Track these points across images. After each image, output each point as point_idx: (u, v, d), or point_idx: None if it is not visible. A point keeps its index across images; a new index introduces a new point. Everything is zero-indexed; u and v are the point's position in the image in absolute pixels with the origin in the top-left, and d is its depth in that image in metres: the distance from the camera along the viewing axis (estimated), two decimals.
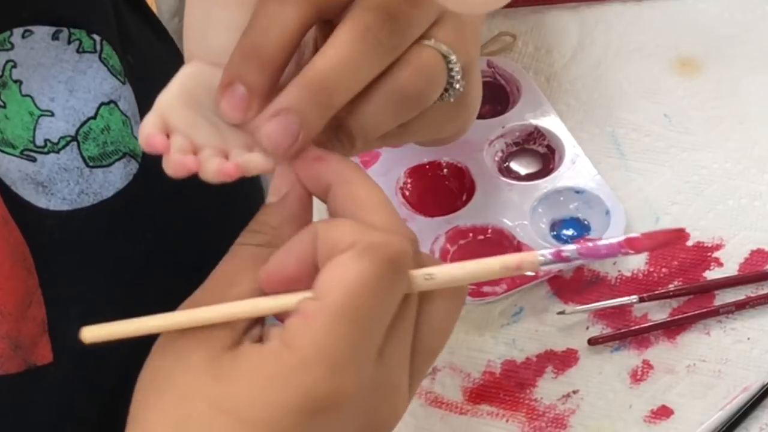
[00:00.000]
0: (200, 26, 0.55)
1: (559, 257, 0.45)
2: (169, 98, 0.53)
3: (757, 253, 0.74)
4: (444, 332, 0.50)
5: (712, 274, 0.73)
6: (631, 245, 0.44)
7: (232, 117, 0.51)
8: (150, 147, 0.51)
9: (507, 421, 0.68)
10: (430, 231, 0.73)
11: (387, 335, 0.47)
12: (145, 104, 0.70)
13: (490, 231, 0.73)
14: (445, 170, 0.76)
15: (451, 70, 0.54)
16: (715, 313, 0.71)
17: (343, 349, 0.45)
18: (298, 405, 0.45)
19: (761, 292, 0.72)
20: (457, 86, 0.55)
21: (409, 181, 0.75)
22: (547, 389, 0.69)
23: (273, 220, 0.50)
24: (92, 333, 0.47)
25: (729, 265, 0.73)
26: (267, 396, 0.45)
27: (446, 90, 0.55)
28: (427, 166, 0.76)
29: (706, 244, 0.74)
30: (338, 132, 0.52)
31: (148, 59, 0.75)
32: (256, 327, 0.48)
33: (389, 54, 0.52)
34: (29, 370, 0.65)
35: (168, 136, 0.51)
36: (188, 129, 0.52)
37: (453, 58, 0.54)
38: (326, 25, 0.53)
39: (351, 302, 0.45)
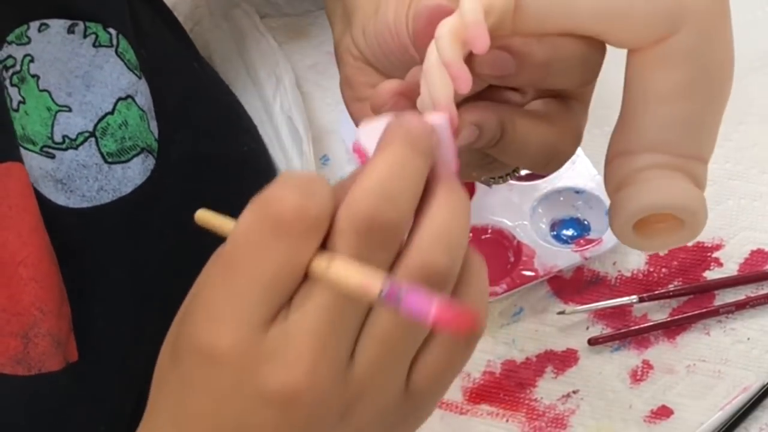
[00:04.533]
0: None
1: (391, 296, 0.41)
2: None
3: (756, 253, 0.74)
4: (387, 346, 0.44)
5: (712, 274, 0.73)
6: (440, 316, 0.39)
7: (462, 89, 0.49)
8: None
9: (507, 421, 0.68)
10: None
11: (288, 307, 0.44)
12: (159, 98, 0.70)
13: (490, 231, 0.73)
14: None
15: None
16: (715, 313, 0.71)
17: (216, 299, 0.44)
18: (169, 352, 0.45)
19: (761, 292, 0.72)
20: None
21: None
22: (547, 389, 0.69)
23: None
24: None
25: (729, 265, 0.73)
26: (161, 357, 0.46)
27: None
28: None
29: (706, 244, 0.74)
30: None
31: (161, 52, 0.74)
32: None
33: None
34: (68, 367, 0.65)
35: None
36: None
37: None
38: None
39: (227, 254, 0.45)
